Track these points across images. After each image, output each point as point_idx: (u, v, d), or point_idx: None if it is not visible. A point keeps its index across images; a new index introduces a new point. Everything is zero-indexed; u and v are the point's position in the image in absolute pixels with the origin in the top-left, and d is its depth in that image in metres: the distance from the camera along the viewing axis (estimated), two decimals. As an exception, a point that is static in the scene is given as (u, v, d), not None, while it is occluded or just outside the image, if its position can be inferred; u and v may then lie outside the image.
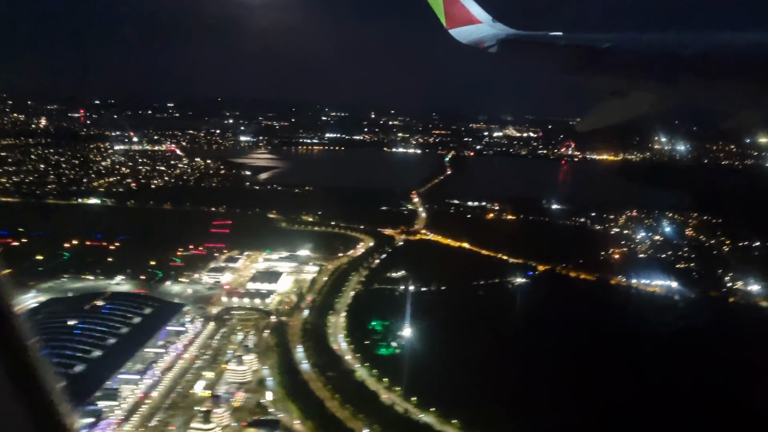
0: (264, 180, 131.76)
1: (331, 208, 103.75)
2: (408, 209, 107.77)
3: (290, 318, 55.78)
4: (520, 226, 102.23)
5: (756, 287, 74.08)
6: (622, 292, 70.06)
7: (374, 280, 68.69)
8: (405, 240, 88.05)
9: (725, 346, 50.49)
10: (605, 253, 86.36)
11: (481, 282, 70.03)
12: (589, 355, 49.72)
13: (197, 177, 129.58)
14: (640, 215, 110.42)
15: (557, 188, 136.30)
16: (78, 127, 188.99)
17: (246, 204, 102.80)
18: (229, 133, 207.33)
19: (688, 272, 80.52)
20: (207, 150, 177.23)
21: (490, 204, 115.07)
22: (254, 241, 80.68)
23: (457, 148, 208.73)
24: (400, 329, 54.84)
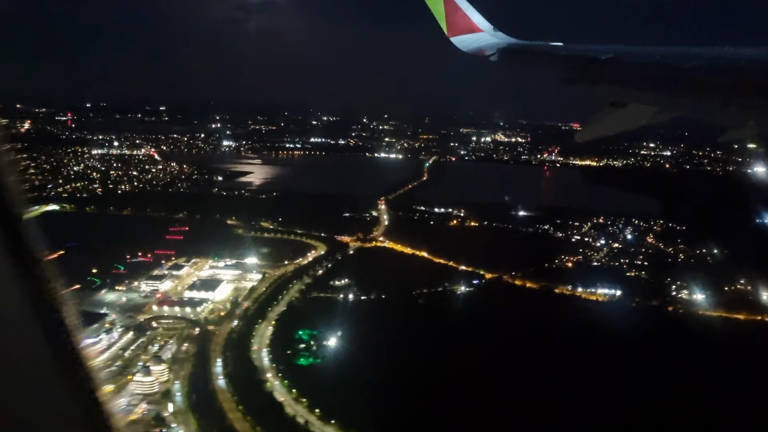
0: (234, 185, 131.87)
1: (293, 214, 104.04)
2: (371, 216, 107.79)
3: (218, 327, 55.88)
4: (481, 233, 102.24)
5: (700, 296, 74.23)
6: (561, 300, 70.15)
7: (315, 288, 68.79)
8: (359, 247, 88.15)
9: (642, 354, 50.84)
10: (559, 261, 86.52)
11: (423, 291, 70.06)
12: (506, 363, 49.92)
13: (167, 182, 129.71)
14: (605, 222, 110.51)
15: (530, 194, 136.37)
16: (62, 131, 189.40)
17: (208, 210, 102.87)
18: (213, 137, 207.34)
19: (637, 280, 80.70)
20: (187, 154, 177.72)
21: (457, 210, 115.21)
22: (206, 248, 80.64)
23: (440, 153, 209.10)
24: (326, 339, 54.93)
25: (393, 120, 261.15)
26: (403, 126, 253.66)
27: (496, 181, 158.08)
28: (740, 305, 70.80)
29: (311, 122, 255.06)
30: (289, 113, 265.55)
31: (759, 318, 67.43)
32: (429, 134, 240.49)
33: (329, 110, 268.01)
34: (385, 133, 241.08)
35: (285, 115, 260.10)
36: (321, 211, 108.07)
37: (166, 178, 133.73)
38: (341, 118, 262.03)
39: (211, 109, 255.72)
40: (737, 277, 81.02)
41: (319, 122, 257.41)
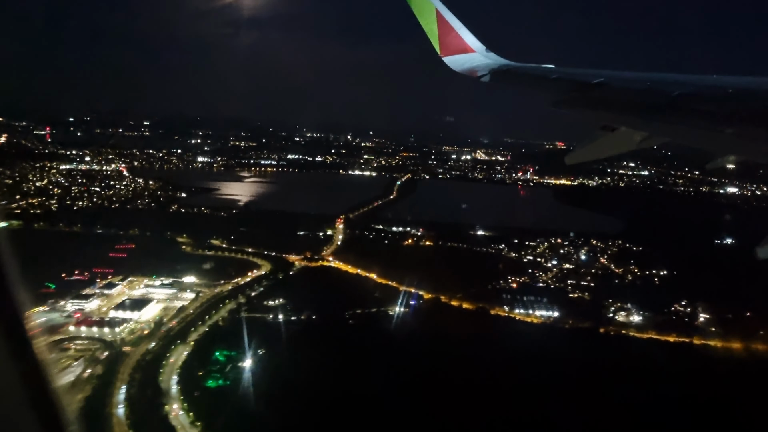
0: (195, 202, 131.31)
1: (248, 232, 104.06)
2: (326, 235, 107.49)
3: (134, 348, 55.20)
4: (434, 253, 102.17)
5: (636, 318, 74.35)
6: (492, 322, 69.96)
7: (246, 308, 68.28)
8: (304, 267, 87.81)
9: (551, 375, 50.83)
10: (505, 282, 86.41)
11: (356, 311, 69.69)
12: (409, 386, 49.75)
13: (127, 199, 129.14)
14: (563, 242, 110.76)
15: (494, 214, 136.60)
16: (36, 145, 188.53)
17: (161, 227, 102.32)
18: (189, 153, 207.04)
19: (578, 302, 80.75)
20: (159, 170, 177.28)
21: (415, 230, 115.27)
22: (147, 267, 79.99)
23: (415, 172, 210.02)
24: (242, 360, 54.41)
25: (378, 138, 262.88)
26: (386, 143, 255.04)
27: (464, 200, 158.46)
28: (673, 327, 70.94)
29: (294, 139, 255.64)
30: (274, 129, 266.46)
31: (687, 340, 67.44)
32: (409, 152, 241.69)
33: (315, 127, 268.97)
34: (365, 150, 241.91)
35: (269, 132, 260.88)
36: (277, 229, 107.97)
37: (127, 195, 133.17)
38: (325, 135, 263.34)
39: (195, 124, 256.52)
40: (680, 299, 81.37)
41: (302, 139, 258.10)
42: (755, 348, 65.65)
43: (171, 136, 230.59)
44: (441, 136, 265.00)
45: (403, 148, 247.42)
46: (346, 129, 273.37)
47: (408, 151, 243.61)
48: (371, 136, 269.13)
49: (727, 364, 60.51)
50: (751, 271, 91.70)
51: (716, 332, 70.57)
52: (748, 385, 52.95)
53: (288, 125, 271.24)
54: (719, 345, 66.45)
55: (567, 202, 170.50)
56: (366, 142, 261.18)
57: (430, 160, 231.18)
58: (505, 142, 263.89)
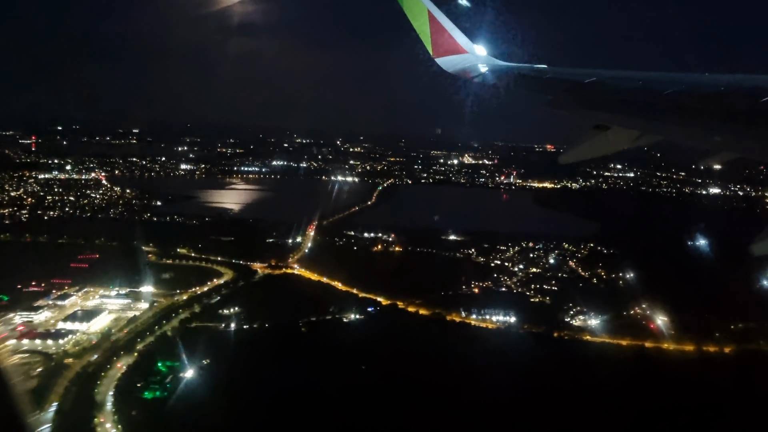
0: (169, 210, 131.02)
1: (216, 240, 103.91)
2: (296, 241, 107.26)
3: (75, 360, 54.94)
4: (402, 258, 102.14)
5: (594, 321, 74.33)
6: (446, 327, 69.95)
7: (199, 317, 68.15)
8: (267, 274, 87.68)
9: (496, 379, 50.91)
10: (467, 287, 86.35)
11: (311, 319, 69.54)
12: (356, 394, 49.72)
13: (100, 208, 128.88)
14: (534, 246, 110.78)
15: (470, 218, 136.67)
16: (19, 154, 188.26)
17: (129, 236, 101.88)
18: (173, 160, 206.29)
19: (539, 306, 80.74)
20: (139, 178, 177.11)
21: (387, 235, 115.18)
22: (107, 276, 79.54)
23: (399, 176, 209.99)
24: (184, 371, 54.22)
25: (368, 143, 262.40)
26: (374, 149, 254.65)
27: (443, 204, 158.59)
28: (628, 330, 70.93)
29: (283, 145, 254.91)
30: (265, 136, 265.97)
31: (639, 343, 67.44)
32: (397, 157, 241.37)
33: (306, 133, 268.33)
34: (353, 155, 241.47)
35: (259, 138, 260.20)
36: (247, 236, 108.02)
37: (101, 204, 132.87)
38: (315, 141, 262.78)
39: (185, 131, 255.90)
40: (642, 302, 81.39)
41: (290, 145, 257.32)
42: (705, 350, 65.67)
43: (158, 143, 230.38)
44: (432, 140, 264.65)
45: (391, 153, 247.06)
46: (337, 134, 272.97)
47: (396, 156, 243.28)
48: (361, 141, 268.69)
49: (671, 366, 60.64)
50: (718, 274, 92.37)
51: (671, 335, 70.63)
52: (687, 387, 53.11)
53: (278, 131, 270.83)
54: (670, 348, 66.56)
55: (546, 206, 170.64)
56: (355, 147, 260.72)
57: (416, 164, 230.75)
58: (495, 146, 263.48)
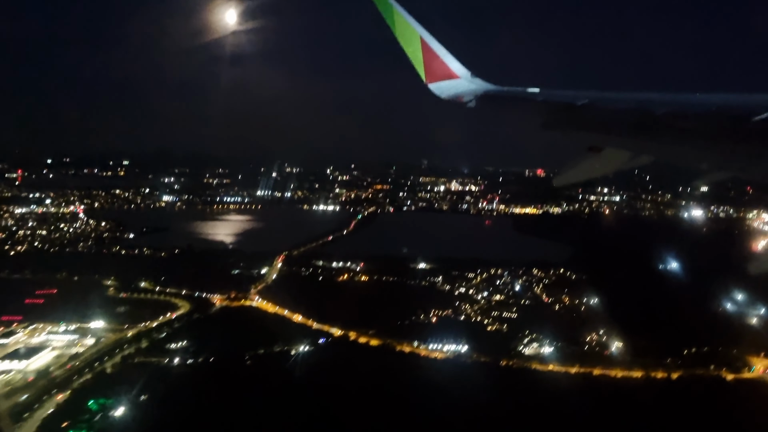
0: (140, 243, 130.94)
1: (181, 272, 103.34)
2: (261, 273, 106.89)
3: (6, 400, 54.31)
4: (366, 288, 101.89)
5: (547, 349, 73.81)
6: (393, 358, 69.29)
7: (144, 353, 67.54)
8: (224, 307, 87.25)
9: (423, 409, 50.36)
10: (425, 316, 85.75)
11: (258, 352, 68.94)
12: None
13: (70, 241, 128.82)
14: (503, 273, 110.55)
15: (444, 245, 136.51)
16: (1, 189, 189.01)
17: (92, 270, 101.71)
18: (156, 191, 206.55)
19: (494, 334, 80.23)
20: (118, 210, 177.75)
21: (356, 264, 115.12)
22: (60, 312, 78.86)
23: (382, 204, 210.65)
24: (116, 409, 53.54)
25: (359, 170, 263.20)
26: (363, 176, 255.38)
27: (419, 232, 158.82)
28: (580, 358, 70.43)
29: (271, 174, 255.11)
30: (254, 165, 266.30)
31: (587, 371, 66.90)
32: (384, 184, 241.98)
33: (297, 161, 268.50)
34: (340, 183, 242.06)
35: (248, 167, 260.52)
36: (213, 268, 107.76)
37: (71, 237, 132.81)
38: (305, 169, 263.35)
39: (175, 162, 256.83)
40: (600, 328, 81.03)
41: (279, 174, 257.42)
42: (652, 376, 65.13)
43: (146, 175, 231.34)
44: (423, 167, 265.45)
45: (378, 181, 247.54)
46: (328, 162, 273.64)
47: (383, 184, 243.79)
48: (352, 168, 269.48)
49: (611, 393, 60.09)
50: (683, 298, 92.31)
51: (622, 361, 70.17)
52: (623, 414, 52.62)
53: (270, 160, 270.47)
54: (617, 375, 65.93)
55: (525, 232, 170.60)
56: (344, 175, 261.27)
57: (401, 191, 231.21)
58: (486, 171, 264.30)
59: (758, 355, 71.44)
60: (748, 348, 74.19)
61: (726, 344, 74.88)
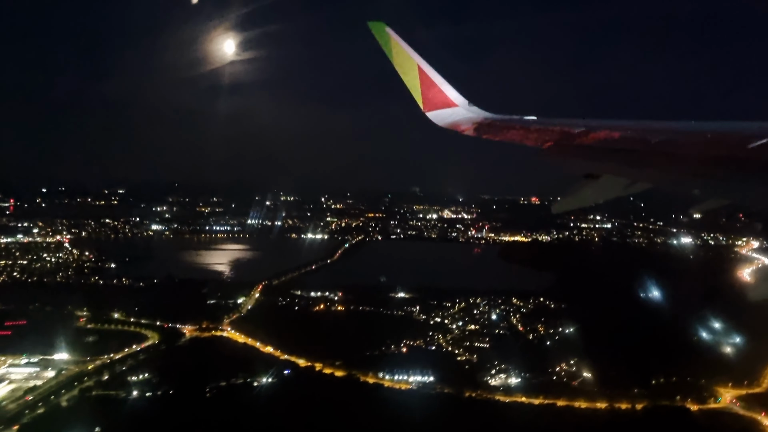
0: (119, 273, 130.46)
1: (156, 302, 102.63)
2: (237, 302, 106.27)
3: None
4: (340, 318, 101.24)
5: (514, 380, 73.04)
6: (356, 389, 68.50)
7: (104, 385, 66.86)
8: (194, 338, 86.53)
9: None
10: (396, 346, 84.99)
11: (220, 384, 68.16)
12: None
13: (49, 271, 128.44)
14: (481, 302, 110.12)
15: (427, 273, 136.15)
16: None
17: (67, 300, 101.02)
18: (147, 220, 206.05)
19: (464, 364, 79.48)
20: (105, 240, 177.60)
21: (334, 294, 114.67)
22: (27, 344, 78.23)
23: (371, 233, 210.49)
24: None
25: (354, 198, 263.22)
26: (356, 204, 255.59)
27: (405, 260, 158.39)
28: (546, 389, 69.64)
29: (266, 203, 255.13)
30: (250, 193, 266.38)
31: (551, 402, 66.07)
32: (377, 213, 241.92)
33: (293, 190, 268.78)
34: (333, 212, 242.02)
35: (243, 196, 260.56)
36: (189, 297, 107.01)
37: (51, 268, 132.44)
38: (300, 198, 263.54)
39: (171, 190, 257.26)
40: (571, 359, 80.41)
41: (274, 202, 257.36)
42: (617, 407, 64.33)
43: (140, 203, 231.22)
44: (419, 195, 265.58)
45: (373, 209, 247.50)
46: (325, 190, 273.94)
47: (375, 212, 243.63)
48: (348, 196, 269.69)
49: (572, 425, 59.26)
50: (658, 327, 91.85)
51: (589, 392, 69.44)
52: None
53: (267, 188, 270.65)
54: (582, 405, 65.13)
55: (510, 260, 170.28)
56: (339, 203, 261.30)
57: (393, 220, 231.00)
58: (482, 199, 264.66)
59: (726, 385, 70.64)
60: (718, 378, 73.59)
61: (696, 374, 74.30)
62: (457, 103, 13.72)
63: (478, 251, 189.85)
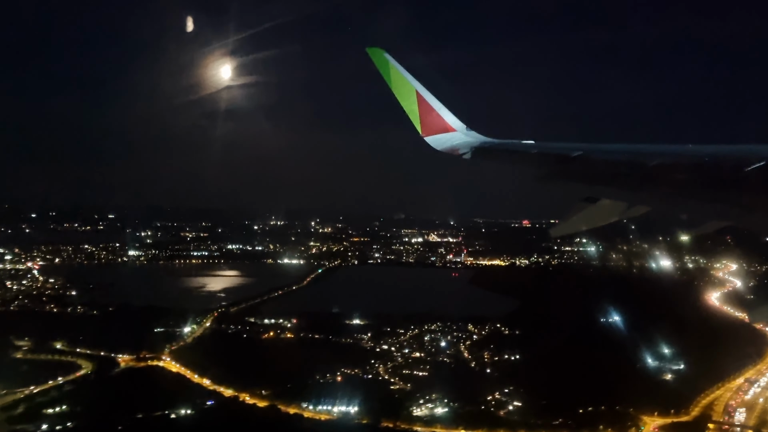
0: (79, 300, 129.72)
1: (102, 330, 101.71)
2: (186, 330, 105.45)
3: None
4: (288, 346, 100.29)
5: (440, 410, 71.99)
6: (275, 421, 67.52)
7: (16, 419, 65.98)
8: (128, 368, 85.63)
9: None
10: (331, 375, 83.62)
11: (137, 416, 67.20)
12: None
13: (4, 300, 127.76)
14: (436, 328, 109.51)
15: (388, 299, 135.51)
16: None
17: (11, 329, 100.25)
18: (127, 246, 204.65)
19: (392, 395, 78.33)
20: (78, 267, 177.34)
21: (287, 321, 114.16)
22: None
23: (348, 258, 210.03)
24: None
25: (344, 222, 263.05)
26: (346, 228, 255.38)
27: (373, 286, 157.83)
28: (471, 420, 68.86)
29: (253, 227, 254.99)
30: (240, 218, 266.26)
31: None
32: (363, 236, 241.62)
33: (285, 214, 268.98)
34: (319, 236, 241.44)
35: (231, 221, 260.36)
36: (139, 325, 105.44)
37: (12, 296, 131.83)
38: (290, 222, 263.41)
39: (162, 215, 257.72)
40: (506, 388, 79.48)
41: (263, 227, 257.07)
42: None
43: (125, 228, 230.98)
44: (410, 219, 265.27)
45: (359, 233, 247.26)
46: (316, 214, 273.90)
47: (362, 236, 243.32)
48: (341, 220, 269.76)
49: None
50: (604, 355, 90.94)
51: (512, 422, 68.54)
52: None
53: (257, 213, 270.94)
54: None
55: (480, 285, 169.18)
56: (327, 227, 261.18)
57: (377, 244, 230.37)
58: (474, 223, 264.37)
59: (653, 414, 69.53)
60: (649, 406, 72.41)
61: (629, 403, 73.05)
62: (455, 128, 13.92)
63: (456, 275, 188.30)
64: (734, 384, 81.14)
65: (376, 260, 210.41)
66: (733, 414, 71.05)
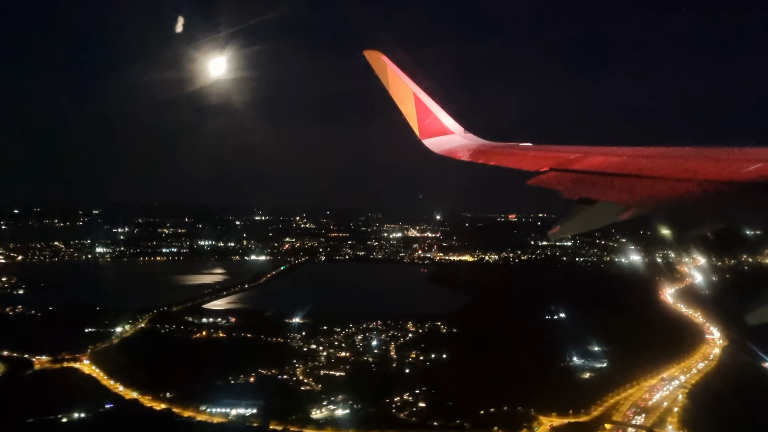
0: (23, 299, 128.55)
1: (31, 331, 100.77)
2: (117, 330, 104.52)
3: None
4: (214, 345, 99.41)
5: (342, 411, 71.21)
6: (163, 423, 66.81)
7: None
8: (41, 370, 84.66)
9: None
10: (244, 376, 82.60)
11: (28, 420, 66.18)
12: None
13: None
14: (374, 327, 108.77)
15: (337, 297, 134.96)
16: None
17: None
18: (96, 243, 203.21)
19: (301, 395, 77.26)
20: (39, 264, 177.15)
21: (227, 320, 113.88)
22: None
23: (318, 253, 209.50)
24: None
25: (333, 217, 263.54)
26: (329, 223, 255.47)
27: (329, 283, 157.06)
28: (369, 422, 68.00)
29: (235, 223, 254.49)
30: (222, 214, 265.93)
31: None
32: (342, 232, 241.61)
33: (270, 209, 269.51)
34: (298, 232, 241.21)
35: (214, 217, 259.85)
36: (69, 325, 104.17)
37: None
38: (274, 218, 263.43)
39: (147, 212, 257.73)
40: (417, 388, 78.87)
41: (244, 222, 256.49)
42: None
43: (104, 225, 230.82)
44: (397, 214, 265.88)
45: (341, 228, 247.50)
46: (304, 209, 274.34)
47: (341, 232, 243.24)
48: (327, 215, 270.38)
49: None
50: (530, 353, 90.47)
51: (412, 424, 68.05)
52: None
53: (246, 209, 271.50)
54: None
55: (438, 282, 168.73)
56: (311, 223, 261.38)
57: (353, 240, 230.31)
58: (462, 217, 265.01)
59: (551, 414, 68.87)
60: (553, 406, 71.66)
61: (534, 403, 72.21)
62: (453, 130, 13.90)
63: (424, 271, 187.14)
64: (650, 383, 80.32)
65: (344, 256, 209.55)
66: (634, 414, 70.31)
